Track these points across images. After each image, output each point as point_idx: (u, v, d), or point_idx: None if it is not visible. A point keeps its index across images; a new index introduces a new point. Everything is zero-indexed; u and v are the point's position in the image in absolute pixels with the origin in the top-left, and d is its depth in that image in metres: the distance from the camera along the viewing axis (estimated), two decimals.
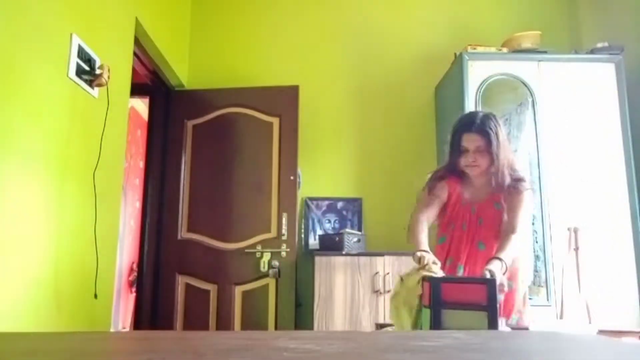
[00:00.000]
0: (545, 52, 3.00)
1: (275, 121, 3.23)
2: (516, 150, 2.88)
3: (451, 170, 1.94)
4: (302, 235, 3.34)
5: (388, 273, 2.89)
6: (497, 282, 1.56)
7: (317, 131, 3.46)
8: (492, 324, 1.42)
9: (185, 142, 3.28)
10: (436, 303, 1.47)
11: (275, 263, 3.04)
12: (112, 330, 2.92)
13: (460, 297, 1.49)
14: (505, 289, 1.74)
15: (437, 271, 1.66)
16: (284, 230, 3.06)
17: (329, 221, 3.34)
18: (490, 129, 1.87)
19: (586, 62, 2.96)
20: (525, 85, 2.92)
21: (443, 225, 1.97)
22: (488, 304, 1.45)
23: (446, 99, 3.29)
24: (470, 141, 1.85)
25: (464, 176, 1.92)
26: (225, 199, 3.18)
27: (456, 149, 1.87)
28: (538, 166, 2.82)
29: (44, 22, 1.75)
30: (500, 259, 1.68)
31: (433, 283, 1.52)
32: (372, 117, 3.50)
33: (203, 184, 3.23)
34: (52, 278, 1.79)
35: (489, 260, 1.70)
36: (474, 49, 3.00)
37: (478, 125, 1.86)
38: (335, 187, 3.42)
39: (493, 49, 3.04)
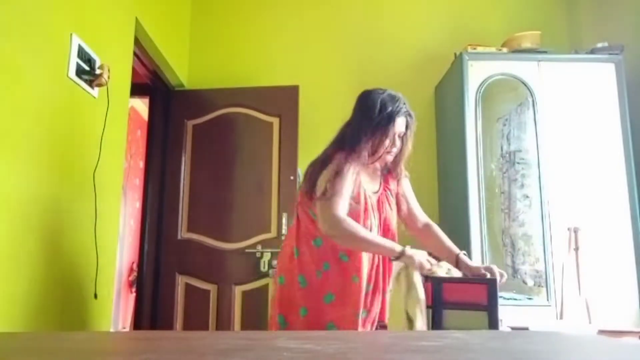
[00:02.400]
0: (545, 52, 3.00)
1: (275, 121, 3.23)
2: (522, 150, 2.88)
3: (357, 152, 1.72)
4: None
5: None
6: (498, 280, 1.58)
7: (317, 131, 3.45)
8: (493, 324, 1.42)
9: (185, 142, 3.28)
10: (437, 303, 1.47)
11: (275, 263, 3.04)
12: (112, 330, 2.92)
13: (461, 297, 1.49)
14: (504, 279, 1.72)
15: (439, 270, 1.64)
16: (284, 230, 3.06)
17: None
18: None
19: (586, 62, 2.96)
20: (525, 85, 2.91)
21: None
22: (488, 304, 1.46)
23: (446, 99, 3.29)
24: (400, 125, 1.80)
25: (361, 158, 1.71)
26: (225, 199, 3.18)
27: (382, 128, 1.76)
28: (538, 166, 2.82)
29: (44, 22, 1.75)
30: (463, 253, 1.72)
31: (435, 283, 1.52)
32: None
33: (203, 184, 3.23)
34: (52, 278, 1.79)
35: (455, 259, 1.70)
36: (474, 49, 3.00)
37: (407, 109, 1.84)
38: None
39: (493, 49, 3.04)
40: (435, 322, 1.44)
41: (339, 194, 1.62)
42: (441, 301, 1.46)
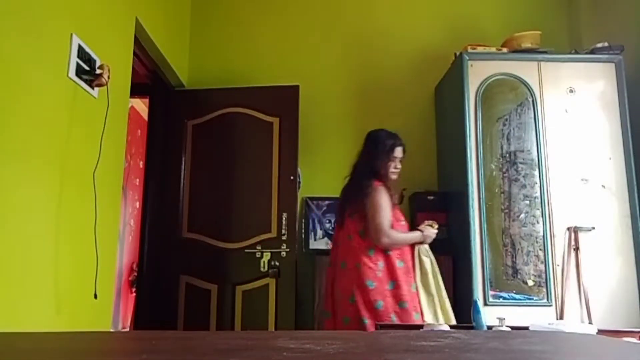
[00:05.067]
0: (545, 52, 3.00)
1: (275, 121, 3.23)
2: (522, 150, 2.88)
3: (382, 178, 2.39)
4: (302, 235, 3.34)
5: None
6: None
7: (317, 131, 3.46)
8: None
9: (185, 142, 3.28)
10: None
11: (275, 263, 3.04)
12: (112, 330, 2.92)
13: None
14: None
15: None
16: (284, 230, 3.06)
17: (329, 221, 3.34)
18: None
19: (586, 62, 2.96)
20: (525, 85, 2.91)
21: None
22: None
23: (446, 99, 3.29)
24: (400, 152, 2.45)
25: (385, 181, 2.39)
26: (225, 199, 3.18)
27: (387, 157, 2.40)
28: (538, 166, 2.82)
29: (44, 22, 1.75)
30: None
31: None
32: (372, 117, 3.49)
33: (203, 184, 3.23)
34: (52, 278, 1.79)
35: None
36: (474, 49, 3.00)
37: (402, 142, 2.48)
38: (335, 187, 3.40)
39: (493, 49, 3.04)
40: None
41: (384, 213, 2.30)
42: None
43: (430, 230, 2.40)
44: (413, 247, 2.36)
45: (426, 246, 2.40)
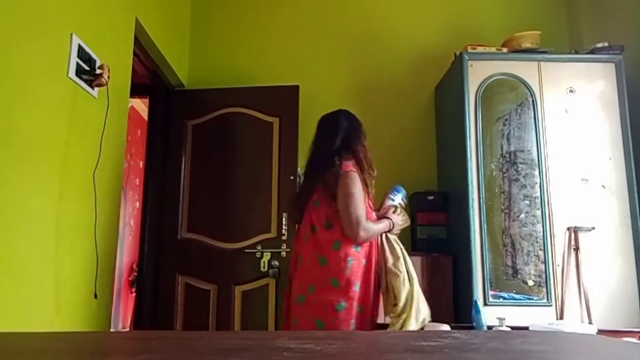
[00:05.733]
0: (545, 52, 3.00)
1: (275, 121, 3.23)
2: (522, 150, 2.88)
3: (358, 163, 2.08)
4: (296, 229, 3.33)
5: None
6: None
7: None
8: None
9: (185, 142, 3.28)
10: None
11: (275, 263, 3.04)
12: (112, 330, 2.92)
13: None
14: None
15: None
16: (284, 230, 3.06)
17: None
18: None
19: (586, 62, 2.96)
20: (525, 85, 2.91)
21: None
22: None
23: (446, 99, 3.29)
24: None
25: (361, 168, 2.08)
26: (225, 199, 3.18)
27: (365, 141, 2.15)
28: (538, 166, 2.82)
29: (44, 22, 1.75)
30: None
31: None
32: (371, 117, 3.47)
33: (203, 184, 3.23)
34: (52, 278, 1.79)
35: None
36: (474, 49, 3.00)
37: None
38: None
39: (493, 49, 3.04)
40: None
41: (358, 203, 2.00)
42: None
43: (397, 217, 2.12)
44: (378, 248, 2.08)
45: (394, 236, 2.11)
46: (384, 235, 2.07)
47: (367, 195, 2.06)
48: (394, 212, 2.13)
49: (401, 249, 2.06)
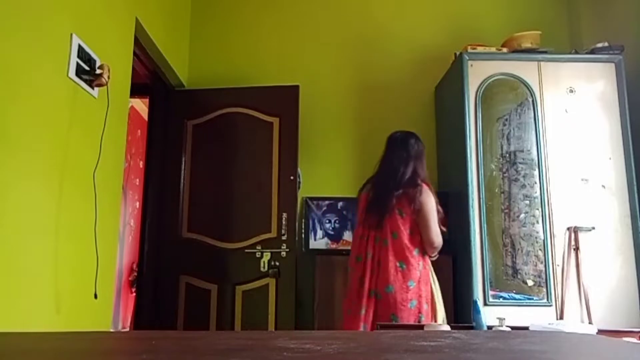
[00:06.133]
0: (545, 52, 3.00)
1: (275, 121, 3.23)
2: (522, 150, 2.88)
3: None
4: (302, 235, 3.33)
5: None
6: None
7: (317, 131, 3.46)
8: None
9: (185, 142, 3.28)
10: None
11: (275, 263, 3.04)
12: (112, 330, 2.92)
13: None
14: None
15: None
16: (284, 230, 3.06)
17: (329, 221, 3.34)
18: None
19: (586, 62, 2.96)
20: (525, 85, 2.92)
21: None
22: None
23: (446, 99, 3.29)
24: None
25: None
26: (225, 199, 3.18)
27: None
28: (538, 166, 2.82)
29: (44, 22, 1.75)
30: None
31: None
32: (372, 117, 3.50)
33: (203, 184, 3.23)
34: (52, 278, 1.79)
35: None
36: (474, 49, 3.00)
37: None
38: (335, 187, 3.42)
39: (493, 49, 3.04)
40: None
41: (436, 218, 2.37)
42: None
43: None
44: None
45: None
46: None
47: None
48: None
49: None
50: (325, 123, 3.51)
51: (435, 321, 2.31)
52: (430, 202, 2.32)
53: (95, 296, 1.98)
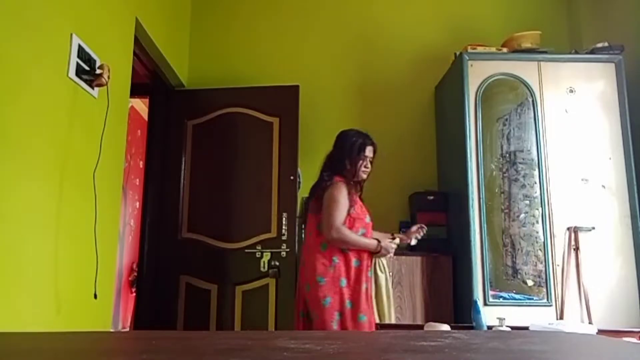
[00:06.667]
0: (545, 52, 3.00)
1: (275, 121, 3.23)
2: (522, 150, 2.88)
3: (346, 175, 2.32)
4: (302, 235, 3.33)
5: (390, 273, 2.89)
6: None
7: (317, 131, 3.45)
8: None
9: (185, 142, 3.28)
10: None
11: (275, 263, 3.04)
12: (112, 330, 2.92)
13: None
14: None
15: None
16: (284, 230, 3.06)
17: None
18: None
19: (586, 62, 2.96)
20: (525, 85, 2.92)
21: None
22: None
23: (446, 99, 3.29)
24: (370, 151, 2.40)
25: (349, 178, 2.33)
26: (225, 198, 3.18)
27: (357, 155, 2.35)
28: (538, 166, 2.82)
29: (44, 22, 1.75)
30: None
31: None
32: (372, 117, 3.50)
33: (203, 184, 3.23)
34: (52, 278, 1.79)
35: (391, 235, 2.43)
36: (474, 49, 3.00)
37: (373, 141, 2.43)
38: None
39: (493, 49, 3.04)
40: None
41: (339, 209, 2.23)
42: None
43: (389, 244, 2.31)
44: (371, 256, 2.29)
45: (384, 260, 2.38)
46: (374, 259, 2.33)
47: (360, 205, 2.33)
48: (391, 240, 2.38)
49: (386, 279, 2.41)
50: (325, 123, 3.50)
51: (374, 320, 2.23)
52: (329, 194, 2.25)
53: (95, 296, 1.98)
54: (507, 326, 1.98)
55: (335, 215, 2.20)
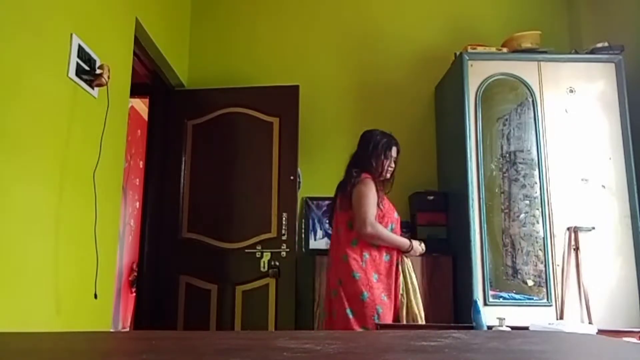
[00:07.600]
0: (545, 52, 3.00)
1: (275, 121, 3.23)
2: (522, 150, 2.88)
3: (373, 173, 2.36)
4: (302, 235, 3.34)
5: None
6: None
7: (317, 131, 3.46)
8: None
9: (185, 142, 3.28)
10: None
11: (275, 263, 3.04)
12: (112, 330, 2.92)
13: None
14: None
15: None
16: (284, 230, 3.06)
17: (329, 221, 3.34)
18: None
19: (586, 62, 2.96)
20: (525, 85, 2.92)
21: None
22: None
23: (446, 99, 3.29)
24: (395, 151, 2.45)
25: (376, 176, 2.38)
26: (225, 199, 3.18)
27: (383, 154, 2.39)
28: (538, 166, 2.82)
29: (44, 22, 1.75)
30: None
31: None
32: (372, 117, 3.49)
33: (203, 184, 3.23)
34: (52, 278, 1.79)
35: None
36: (474, 49, 3.00)
37: (398, 142, 2.48)
38: (335, 187, 3.41)
39: (493, 49, 3.04)
40: None
41: (370, 203, 2.27)
42: None
43: (418, 246, 2.38)
44: (401, 254, 2.34)
45: (409, 263, 2.39)
46: (405, 259, 2.35)
47: (387, 202, 2.38)
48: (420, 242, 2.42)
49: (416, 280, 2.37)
50: (325, 123, 3.51)
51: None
52: (358, 190, 2.29)
53: (95, 296, 1.98)
54: (507, 326, 1.98)
55: (368, 210, 2.25)
